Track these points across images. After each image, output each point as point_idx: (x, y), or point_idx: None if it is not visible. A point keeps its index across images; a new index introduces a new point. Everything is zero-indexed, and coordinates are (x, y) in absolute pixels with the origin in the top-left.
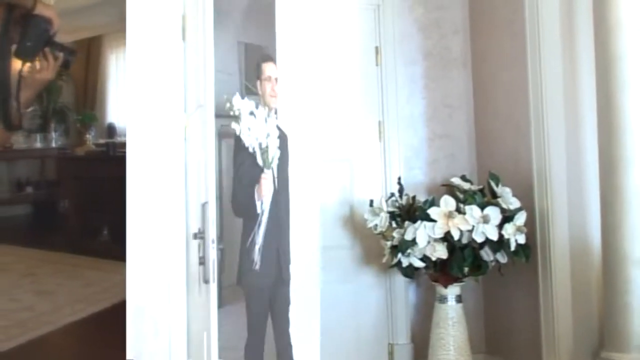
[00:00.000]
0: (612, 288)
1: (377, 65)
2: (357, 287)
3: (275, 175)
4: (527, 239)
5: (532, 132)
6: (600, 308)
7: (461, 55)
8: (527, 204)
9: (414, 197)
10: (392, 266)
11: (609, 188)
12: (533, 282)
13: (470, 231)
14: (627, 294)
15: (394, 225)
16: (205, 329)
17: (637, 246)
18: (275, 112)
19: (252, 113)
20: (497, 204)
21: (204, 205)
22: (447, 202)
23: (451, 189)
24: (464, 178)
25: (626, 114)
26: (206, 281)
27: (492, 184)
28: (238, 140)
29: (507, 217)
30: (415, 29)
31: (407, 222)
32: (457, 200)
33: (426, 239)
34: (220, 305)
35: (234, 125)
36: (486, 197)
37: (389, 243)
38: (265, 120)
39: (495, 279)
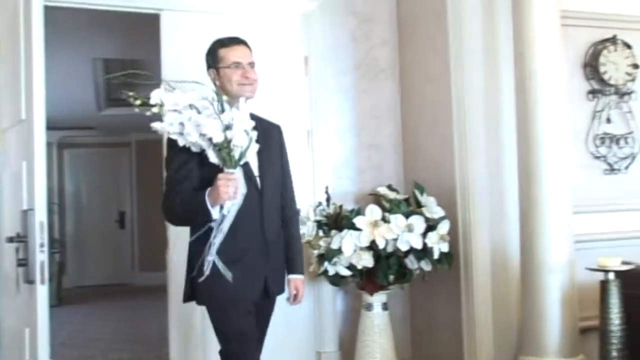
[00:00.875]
0: (529, 295)
1: (306, 75)
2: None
3: (257, 174)
4: (450, 247)
5: (455, 144)
6: (519, 314)
7: (389, 67)
8: (451, 214)
9: (341, 206)
10: (319, 275)
11: (526, 199)
12: (456, 289)
13: (395, 240)
14: (543, 300)
15: (321, 234)
16: (27, 326)
17: (552, 255)
18: (245, 101)
19: (192, 107)
20: (421, 213)
21: (26, 212)
22: (373, 212)
23: (378, 198)
24: (390, 187)
25: (540, 127)
26: (29, 281)
27: (417, 193)
28: (170, 141)
29: (431, 226)
30: (345, 40)
31: (333, 231)
32: (383, 209)
33: (352, 247)
34: (59, 304)
35: (154, 124)
36: (411, 207)
37: (316, 252)
38: (218, 114)
39: (420, 286)
